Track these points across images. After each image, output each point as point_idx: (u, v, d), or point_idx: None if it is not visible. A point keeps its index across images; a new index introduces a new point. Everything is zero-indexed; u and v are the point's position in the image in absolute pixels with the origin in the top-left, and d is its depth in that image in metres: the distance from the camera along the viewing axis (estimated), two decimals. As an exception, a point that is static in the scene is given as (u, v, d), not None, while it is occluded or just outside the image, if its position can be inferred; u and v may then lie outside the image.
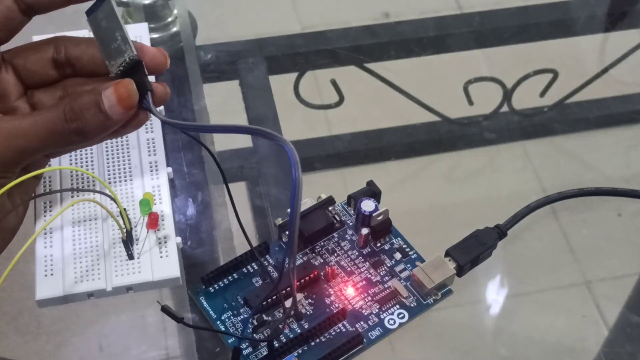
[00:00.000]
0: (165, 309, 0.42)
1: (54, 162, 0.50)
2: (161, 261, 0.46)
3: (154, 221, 0.46)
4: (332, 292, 0.48)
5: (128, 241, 0.46)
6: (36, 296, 0.45)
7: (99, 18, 0.40)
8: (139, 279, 0.45)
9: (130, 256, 0.46)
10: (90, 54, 0.41)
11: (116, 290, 0.45)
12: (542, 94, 0.64)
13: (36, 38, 0.44)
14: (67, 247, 0.46)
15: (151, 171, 0.50)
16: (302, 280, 0.47)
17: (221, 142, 0.57)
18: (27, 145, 0.38)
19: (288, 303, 0.45)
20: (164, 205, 0.48)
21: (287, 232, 0.49)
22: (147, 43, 0.56)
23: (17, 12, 0.40)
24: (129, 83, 0.38)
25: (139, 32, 0.56)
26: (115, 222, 0.46)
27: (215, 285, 0.48)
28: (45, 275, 0.45)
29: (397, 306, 0.47)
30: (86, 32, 0.53)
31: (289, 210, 0.49)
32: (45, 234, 0.47)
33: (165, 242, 0.47)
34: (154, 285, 0.46)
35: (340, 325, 0.46)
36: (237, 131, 0.38)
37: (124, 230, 0.45)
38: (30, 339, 0.51)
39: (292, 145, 0.35)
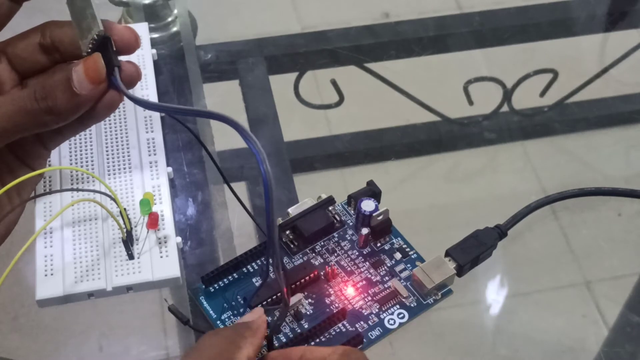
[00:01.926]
0: (172, 310, 0.42)
1: (54, 161, 0.50)
2: (161, 261, 0.46)
3: (154, 221, 0.46)
4: (332, 292, 0.48)
5: (128, 241, 0.46)
6: (36, 296, 0.45)
7: (73, 1, 0.40)
8: (139, 278, 0.45)
9: (131, 256, 0.46)
10: (70, 36, 0.41)
11: (116, 290, 0.45)
12: (542, 94, 0.64)
13: None
14: (67, 247, 0.46)
15: (151, 171, 0.50)
16: (302, 280, 0.47)
17: (221, 142, 0.57)
18: None
19: (293, 299, 0.45)
20: (164, 205, 0.48)
21: (286, 232, 0.49)
22: (148, 43, 0.56)
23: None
24: (97, 56, 0.38)
25: (139, 32, 0.56)
26: (115, 222, 0.46)
27: (215, 285, 0.48)
28: (46, 275, 0.45)
29: (397, 306, 0.47)
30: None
31: (288, 210, 0.50)
32: (45, 233, 0.47)
33: (166, 242, 0.47)
34: (154, 285, 0.46)
35: (340, 325, 0.46)
36: (200, 115, 0.38)
37: (124, 230, 0.45)
38: (30, 339, 0.51)
39: (257, 142, 0.35)
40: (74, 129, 0.42)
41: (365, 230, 0.49)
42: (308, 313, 0.47)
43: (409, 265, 0.49)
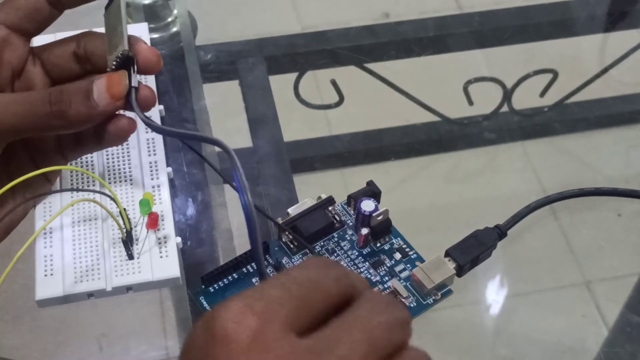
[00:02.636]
0: None
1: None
2: (161, 261, 0.46)
3: (153, 221, 0.46)
4: (332, 292, 0.47)
5: (128, 241, 0.46)
6: (36, 296, 0.44)
7: (109, 14, 0.41)
8: (139, 278, 0.45)
9: (130, 256, 0.46)
10: (102, 49, 0.41)
11: (116, 290, 0.45)
12: (542, 94, 0.64)
13: (60, 35, 0.44)
14: (67, 247, 0.46)
15: (151, 171, 0.50)
16: (302, 280, 0.47)
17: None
18: (4, 121, 0.38)
19: None
20: (163, 205, 0.48)
21: (286, 232, 0.49)
22: (147, 43, 0.56)
23: (45, 4, 0.41)
24: (122, 74, 0.39)
25: (138, 32, 0.56)
26: (115, 222, 0.46)
27: (215, 285, 0.48)
28: (45, 275, 0.45)
29: (397, 306, 0.47)
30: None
31: (288, 210, 0.50)
32: (45, 233, 0.47)
33: (165, 242, 0.47)
34: (154, 285, 0.46)
35: (340, 325, 0.46)
36: (204, 140, 0.39)
37: (124, 230, 0.45)
38: (30, 339, 0.51)
39: (243, 174, 0.34)
40: (94, 145, 0.43)
41: (365, 231, 0.49)
42: (308, 313, 0.47)
43: (408, 265, 0.49)
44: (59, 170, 0.45)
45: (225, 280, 0.48)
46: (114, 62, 0.39)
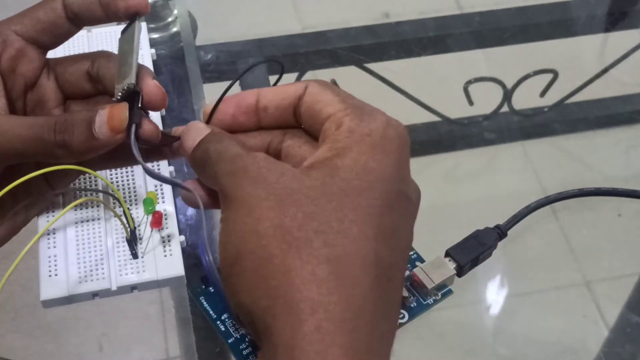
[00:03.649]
0: None
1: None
2: (165, 260, 0.46)
3: (158, 220, 0.46)
4: (332, 292, 0.47)
5: (132, 240, 0.46)
6: (41, 297, 0.44)
7: (124, 39, 0.40)
8: (144, 278, 0.45)
9: (135, 255, 0.46)
10: (113, 73, 0.41)
11: (121, 290, 0.45)
12: (542, 94, 0.64)
13: None
14: (70, 247, 0.46)
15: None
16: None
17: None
18: (8, 144, 0.38)
19: None
20: (167, 204, 0.48)
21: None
22: (147, 43, 0.56)
23: (64, 19, 0.40)
24: (123, 107, 0.38)
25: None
26: (119, 222, 0.46)
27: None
28: (50, 276, 0.45)
29: (397, 306, 0.47)
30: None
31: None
32: (48, 234, 0.47)
33: (169, 241, 0.47)
34: (158, 284, 0.46)
35: (340, 325, 0.46)
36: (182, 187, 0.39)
37: (128, 229, 0.45)
38: (31, 339, 0.51)
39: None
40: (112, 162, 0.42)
41: (365, 231, 0.49)
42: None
43: (408, 265, 0.49)
44: (65, 178, 0.44)
45: (225, 280, 0.48)
46: (120, 94, 0.38)
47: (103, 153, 0.39)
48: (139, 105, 0.39)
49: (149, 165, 0.39)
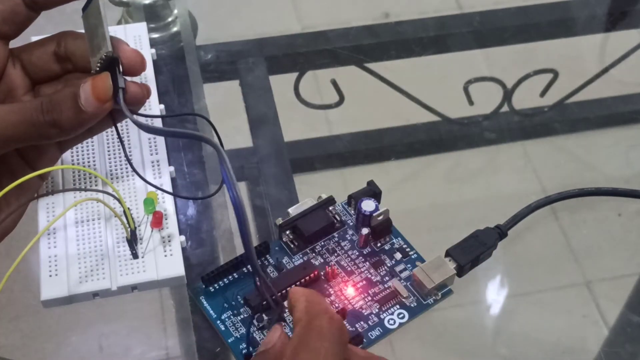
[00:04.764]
0: None
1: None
2: (166, 260, 0.46)
3: (158, 220, 0.46)
4: (332, 292, 0.48)
5: (132, 240, 0.46)
6: (41, 297, 0.45)
7: (89, 15, 0.40)
8: (144, 278, 0.45)
9: (135, 255, 0.46)
10: (83, 49, 0.41)
11: (121, 290, 0.45)
12: (542, 94, 0.64)
13: (34, 39, 0.44)
14: (71, 247, 0.46)
15: (154, 170, 0.50)
16: (302, 280, 0.47)
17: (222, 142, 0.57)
18: (1, 130, 0.38)
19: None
20: (167, 204, 0.48)
21: (286, 232, 0.49)
22: (147, 43, 0.56)
23: (22, 6, 0.41)
24: (105, 76, 0.39)
25: (138, 32, 0.56)
26: (119, 222, 0.46)
27: (216, 285, 0.48)
28: (50, 276, 0.45)
29: (397, 306, 0.47)
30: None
31: (288, 210, 0.50)
32: (49, 234, 0.47)
33: (170, 241, 0.47)
34: (158, 284, 0.46)
35: (340, 325, 0.46)
36: (190, 137, 0.40)
37: (128, 229, 0.45)
38: (31, 339, 0.51)
39: (231, 169, 0.35)
40: (85, 133, 0.42)
41: (365, 230, 0.49)
42: (308, 313, 0.47)
43: (409, 265, 0.49)
44: (44, 157, 0.44)
45: (225, 280, 0.48)
46: (98, 64, 0.39)
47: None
48: (120, 71, 0.40)
49: (142, 119, 0.40)
